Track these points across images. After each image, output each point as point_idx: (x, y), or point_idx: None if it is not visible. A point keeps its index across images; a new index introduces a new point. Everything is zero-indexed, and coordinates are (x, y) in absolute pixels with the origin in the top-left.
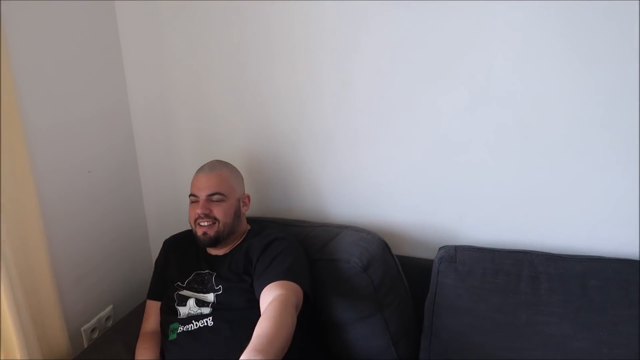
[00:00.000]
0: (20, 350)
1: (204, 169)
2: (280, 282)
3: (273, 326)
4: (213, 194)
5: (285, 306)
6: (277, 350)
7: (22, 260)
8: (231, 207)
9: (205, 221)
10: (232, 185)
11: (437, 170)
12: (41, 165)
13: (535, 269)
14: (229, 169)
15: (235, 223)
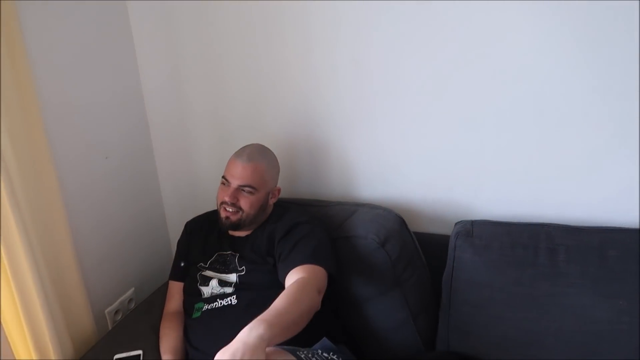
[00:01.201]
0: (49, 333)
1: (242, 156)
2: (303, 266)
3: (285, 302)
4: (244, 186)
5: (304, 287)
6: (286, 323)
7: (47, 246)
8: (259, 200)
9: (231, 208)
10: (266, 179)
11: (452, 146)
12: (60, 153)
13: (552, 241)
14: (267, 160)
15: (259, 214)
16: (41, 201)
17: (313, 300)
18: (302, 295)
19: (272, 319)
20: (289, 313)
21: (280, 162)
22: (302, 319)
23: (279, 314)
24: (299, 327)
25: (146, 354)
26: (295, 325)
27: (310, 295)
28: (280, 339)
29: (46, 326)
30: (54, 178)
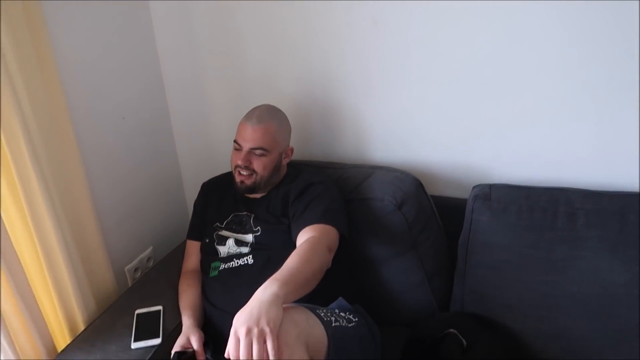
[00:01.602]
0: (73, 290)
1: (251, 118)
2: (314, 225)
3: (296, 260)
4: (256, 148)
5: (315, 246)
6: (298, 281)
7: (68, 206)
8: (272, 161)
9: (244, 171)
10: (277, 139)
11: (472, 109)
12: (78, 113)
13: (572, 205)
14: (278, 121)
15: (273, 175)
16: (61, 162)
17: (324, 258)
18: (313, 254)
19: (286, 277)
20: (301, 271)
21: (295, 124)
22: (315, 277)
23: (291, 272)
24: (311, 285)
25: (166, 310)
26: (307, 283)
27: (321, 254)
28: (294, 297)
29: (70, 283)
30: (72, 139)
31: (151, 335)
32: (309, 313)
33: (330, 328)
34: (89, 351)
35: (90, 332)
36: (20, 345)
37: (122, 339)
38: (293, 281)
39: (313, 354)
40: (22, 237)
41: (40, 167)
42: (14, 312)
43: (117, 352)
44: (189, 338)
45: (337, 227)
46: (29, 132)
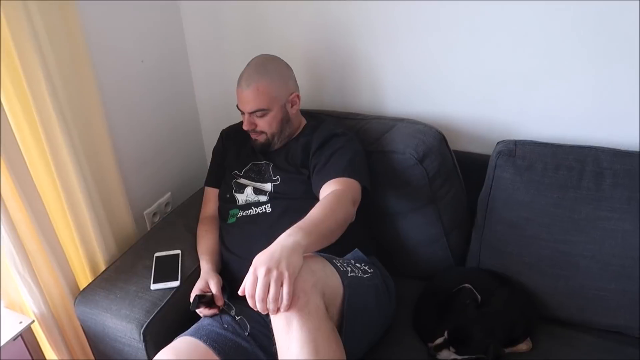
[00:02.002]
0: (94, 231)
1: (241, 82)
2: (338, 178)
3: (321, 211)
4: (254, 111)
5: (339, 198)
6: (322, 232)
7: (88, 150)
8: (275, 117)
9: (253, 133)
10: (273, 94)
11: (499, 62)
12: (97, 55)
13: (599, 164)
14: (269, 74)
15: (285, 126)
16: (81, 105)
17: (348, 211)
18: (338, 206)
19: (309, 227)
20: (325, 222)
21: (312, 74)
22: (338, 229)
23: (315, 223)
24: (334, 237)
25: (184, 254)
26: (331, 234)
27: (345, 207)
28: (316, 247)
29: (91, 225)
30: (93, 82)
31: (170, 278)
32: (326, 262)
33: (346, 278)
34: (109, 290)
35: (111, 273)
36: (44, 283)
37: (141, 280)
38: (316, 232)
39: (328, 303)
40: (44, 180)
41: (61, 110)
42: (39, 252)
43: (136, 292)
44: (207, 282)
45: (360, 181)
46: (50, 74)
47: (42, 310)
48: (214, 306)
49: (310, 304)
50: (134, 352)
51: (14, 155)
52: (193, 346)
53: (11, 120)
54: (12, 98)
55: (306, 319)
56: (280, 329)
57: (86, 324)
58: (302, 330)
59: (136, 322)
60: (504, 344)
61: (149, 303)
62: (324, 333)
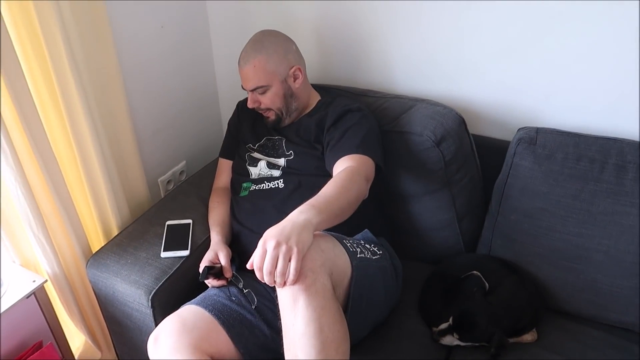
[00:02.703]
0: (107, 195)
1: (240, 61)
2: (351, 155)
3: (334, 189)
4: (254, 89)
5: (352, 175)
6: (333, 210)
7: (105, 113)
8: (277, 92)
9: (260, 110)
10: (270, 70)
11: (526, 46)
12: (117, 18)
13: (623, 157)
14: (264, 51)
15: (290, 101)
16: (99, 69)
17: (361, 188)
18: (351, 184)
19: (321, 205)
20: (338, 200)
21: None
22: (350, 207)
23: (328, 200)
24: (346, 215)
25: (195, 223)
26: (342, 212)
27: (358, 184)
28: (328, 225)
29: (105, 189)
30: (111, 46)
31: (180, 247)
32: (336, 242)
33: (355, 259)
34: (120, 255)
35: (123, 238)
36: (58, 244)
37: (152, 247)
38: (328, 210)
39: (336, 283)
40: (62, 144)
41: (79, 74)
42: (53, 213)
43: (147, 259)
44: (217, 253)
45: (374, 158)
46: (69, 37)
47: (55, 270)
48: (222, 278)
49: (318, 283)
50: (141, 317)
51: (32, 119)
52: (199, 315)
53: (30, 84)
54: (31, 61)
55: (313, 298)
56: (286, 305)
57: (97, 286)
58: (308, 309)
59: (145, 288)
60: (509, 333)
61: (158, 270)
62: (329, 312)
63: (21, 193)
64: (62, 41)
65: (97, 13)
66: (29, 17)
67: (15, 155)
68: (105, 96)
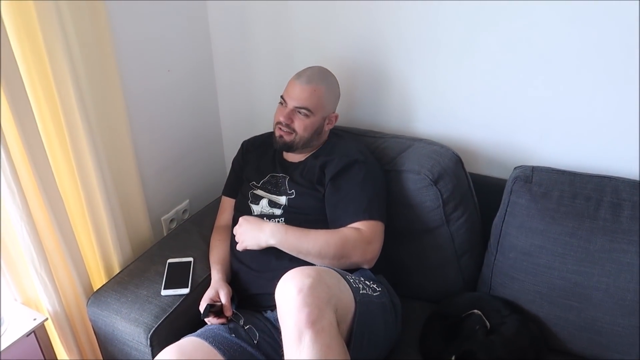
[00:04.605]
0: (110, 233)
1: (301, 77)
2: (361, 222)
3: (317, 234)
4: (300, 108)
5: (351, 240)
6: (298, 247)
7: (110, 152)
8: (314, 124)
9: (285, 128)
10: (323, 103)
11: (521, 87)
12: (125, 62)
13: (618, 195)
14: (327, 84)
15: (313, 138)
16: (106, 110)
17: (354, 253)
18: (339, 243)
19: (291, 238)
20: (307, 242)
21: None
22: (320, 257)
23: (301, 236)
24: (312, 259)
25: (196, 262)
26: (307, 255)
27: (349, 249)
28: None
29: (108, 227)
30: (119, 89)
31: (180, 285)
32: (340, 277)
33: (358, 295)
34: (121, 293)
35: (124, 275)
36: (60, 281)
37: (152, 285)
38: (294, 244)
39: (340, 319)
40: (67, 181)
41: (87, 114)
42: (56, 250)
43: (147, 297)
44: (217, 291)
45: (382, 220)
46: (78, 79)
47: (56, 308)
48: (223, 316)
49: (324, 320)
50: (140, 355)
51: (39, 155)
52: (198, 346)
53: (39, 123)
54: (41, 101)
55: (319, 336)
56: (290, 341)
57: (97, 325)
58: (314, 347)
59: (144, 326)
60: None
61: (158, 308)
62: (335, 351)
63: (26, 231)
64: (71, 82)
65: (105, 57)
66: (41, 59)
67: (22, 194)
68: (111, 136)
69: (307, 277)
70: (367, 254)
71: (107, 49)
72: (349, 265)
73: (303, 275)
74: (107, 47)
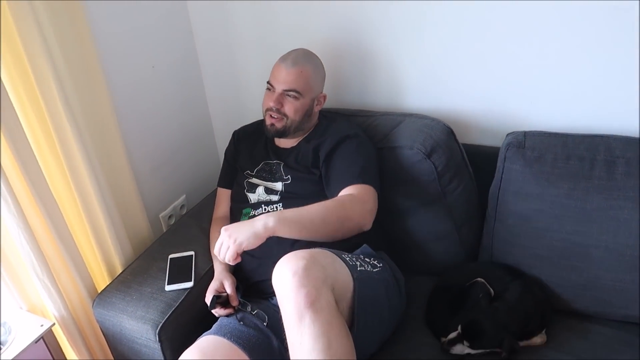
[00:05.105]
0: (109, 234)
1: (287, 60)
2: (354, 185)
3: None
4: (289, 90)
5: (346, 200)
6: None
7: (101, 153)
8: (303, 105)
9: (275, 114)
10: (311, 84)
11: (507, 54)
12: (108, 62)
13: (611, 153)
14: (313, 65)
15: (305, 121)
16: (93, 110)
17: (353, 213)
18: (337, 205)
19: (287, 213)
20: (309, 213)
21: (326, 70)
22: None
23: (298, 211)
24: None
25: (198, 255)
26: (313, 226)
27: (348, 209)
28: (290, 233)
29: (107, 229)
30: (105, 89)
31: (184, 279)
32: (334, 257)
33: (355, 272)
34: (126, 292)
35: (127, 275)
36: (63, 286)
37: (156, 282)
38: (294, 219)
39: (339, 298)
40: (60, 186)
41: (74, 117)
42: (57, 256)
43: (151, 294)
44: (222, 282)
45: (374, 185)
46: (61, 80)
47: (62, 313)
48: (230, 306)
49: (322, 299)
50: (150, 352)
51: (31, 165)
52: (218, 344)
53: (26, 129)
54: (26, 107)
55: (318, 314)
56: (291, 323)
57: (104, 325)
58: (315, 325)
59: (151, 323)
60: (518, 337)
61: (163, 304)
62: (336, 328)
63: (24, 238)
64: (56, 88)
65: (88, 59)
66: (21, 63)
67: (16, 202)
68: (101, 138)
69: (301, 260)
70: (365, 214)
71: (89, 49)
72: (352, 227)
73: (297, 258)
74: (88, 47)
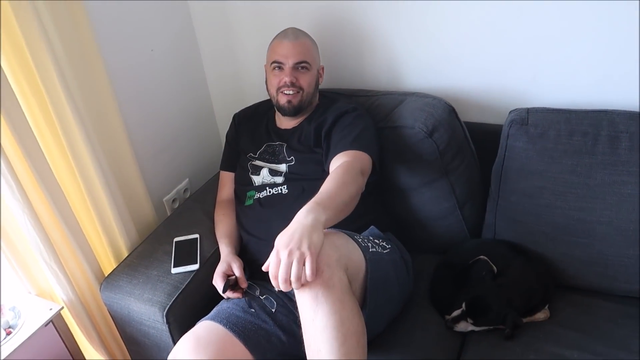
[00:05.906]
0: (114, 219)
1: (288, 35)
2: (346, 152)
3: (334, 185)
4: (300, 62)
5: (348, 170)
6: (338, 205)
7: (104, 139)
8: (313, 77)
9: (291, 89)
10: (314, 55)
11: (508, 29)
12: (107, 46)
13: (615, 127)
14: (310, 37)
15: (314, 94)
16: (93, 96)
17: (358, 182)
18: (349, 178)
19: (326, 202)
20: (340, 195)
21: (326, 49)
22: (352, 201)
23: (331, 197)
24: (349, 209)
25: (202, 237)
26: (346, 207)
27: (355, 178)
28: (334, 222)
29: (111, 214)
30: (104, 74)
31: (189, 261)
32: (348, 238)
33: (367, 253)
34: (132, 275)
35: (133, 258)
36: (70, 271)
37: (162, 265)
38: (333, 206)
39: (351, 278)
40: (64, 172)
41: (75, 103)
42: (63, 241)
43: (158, 277)
44: (229, 265)
45: (368, 152)
46: (61, 68)
47: (70, 296)
48: (239, 288)
49: (335, 278)
50: (158, 334)
51: (33, 151)
52: (213, 330)
53: (29, 118)
54: (27, 93)
55: (331, 292)
56: (306, 303)
57: (112, 308)
58: (327, 302)
59: (159, 305)
60: (522, 313)
61: (170, 286)
62: (348, 306)
63: (30, 224)
64: (57, 75)
65: (86, 43)
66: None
67: (20, 188)
68: (103, 124)
69: None
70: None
71: (86, 34)
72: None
73: None
74: (86, 31)
